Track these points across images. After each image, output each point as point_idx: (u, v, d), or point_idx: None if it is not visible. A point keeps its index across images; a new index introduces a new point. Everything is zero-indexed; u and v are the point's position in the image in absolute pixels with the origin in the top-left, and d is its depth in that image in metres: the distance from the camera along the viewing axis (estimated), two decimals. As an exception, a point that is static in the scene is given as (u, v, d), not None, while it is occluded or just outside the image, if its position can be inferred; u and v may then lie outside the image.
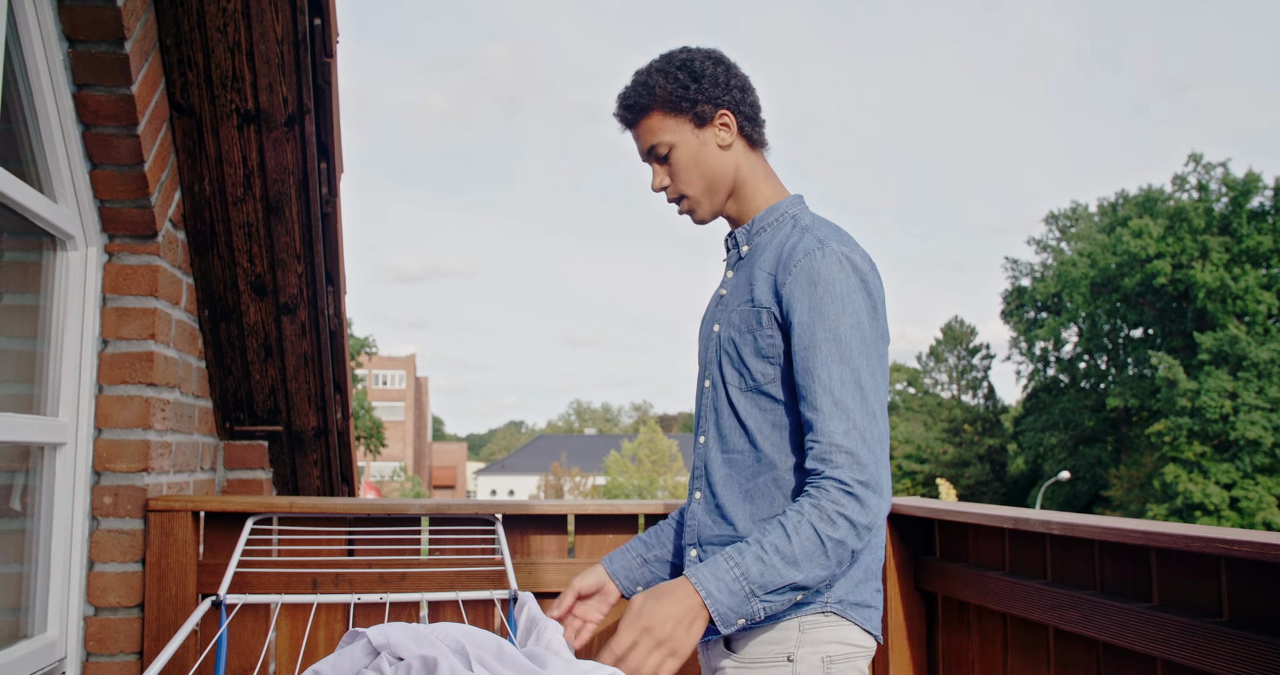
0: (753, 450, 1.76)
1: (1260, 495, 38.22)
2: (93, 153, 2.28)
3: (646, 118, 1.84)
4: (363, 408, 41.21)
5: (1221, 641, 1.51)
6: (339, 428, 3.34)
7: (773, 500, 1.74)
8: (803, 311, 1.68)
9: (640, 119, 1.85)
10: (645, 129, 1.85)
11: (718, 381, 1.83)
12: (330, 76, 2.62)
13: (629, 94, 1.86)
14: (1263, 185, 42.46)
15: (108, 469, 2.38)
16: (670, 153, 1.84)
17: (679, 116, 1.82)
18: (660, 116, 1.83)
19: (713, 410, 1.84)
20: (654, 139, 1.84)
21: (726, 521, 1.79)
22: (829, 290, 1.67)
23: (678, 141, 1.83)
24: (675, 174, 1.85)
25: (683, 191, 1.86)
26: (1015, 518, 2.06)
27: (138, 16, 2.20)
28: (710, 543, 1.81)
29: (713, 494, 1.82)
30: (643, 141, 1.87)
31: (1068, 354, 50.02)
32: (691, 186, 1.85)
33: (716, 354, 1.84)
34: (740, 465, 1.78)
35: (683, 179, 1.85)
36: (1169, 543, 1.61)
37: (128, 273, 2.43)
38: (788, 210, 1.87)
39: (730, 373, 1.80)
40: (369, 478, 49.87)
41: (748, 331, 1.76)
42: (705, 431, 1.86)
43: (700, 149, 1.83)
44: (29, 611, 2.24)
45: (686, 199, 1.87)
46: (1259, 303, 41.45)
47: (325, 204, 2.82)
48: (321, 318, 2.98)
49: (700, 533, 1.84)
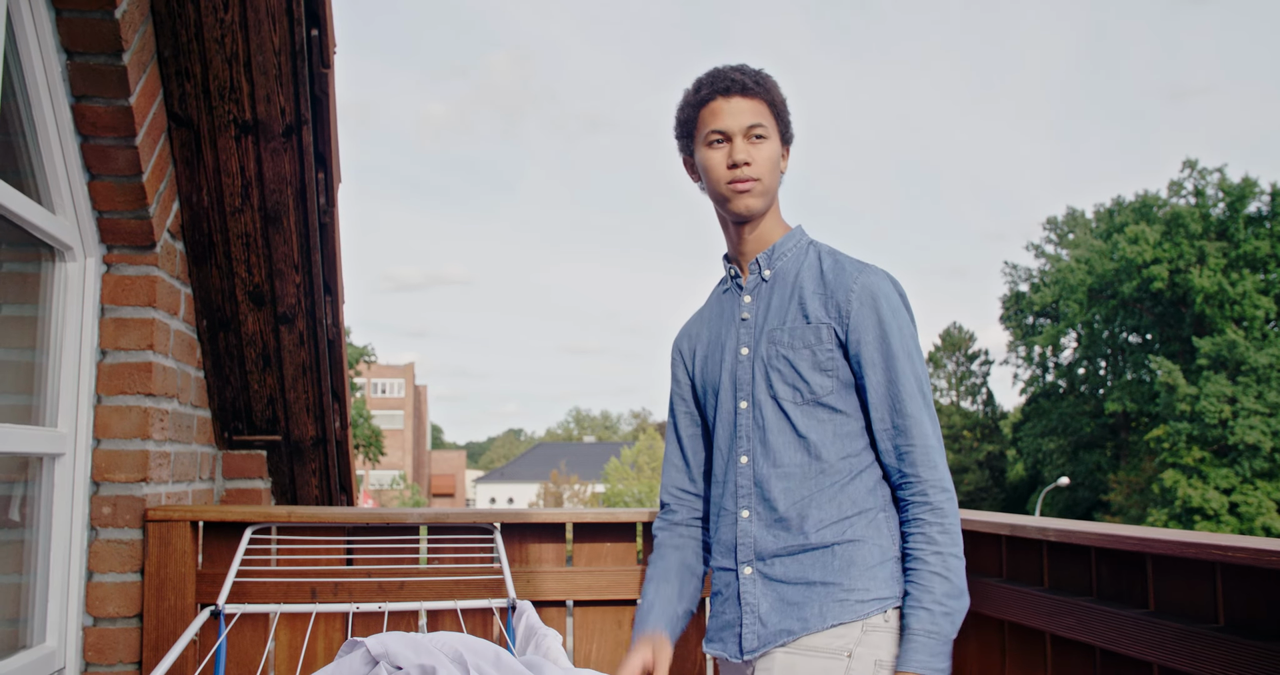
0: (813, 460, 1.85)
1: (1260, 500, 38.20)
2: (91, 164, 2.29)
3: (760, 99, 1.90)
4: (361, 416, 41.18)
5: (1217, 647, 1.51)
6: (337, 437, 3.34)
7: (840, 504, 1.83)
8: (872, 326, 1.83)
9: (756, 95, 1.90)
10: (754, 107, 1.90)
11: (763, 399, 1.89)
12: (328, 87, 2.63)
13: (757, 74, 1.92)
14: (1259, 190, 42.53)
15: (106, 479, 2.38)
16: (764, 141, 1.89)
17: (777, 122, 1.93)
18: (768, 108, 1.91)
19: (757, 428, 1.89)
20: (761, 120, 1.89)
21: (796, 532, 1.83)
22: (890, 304, 1.84)
23: (771, 137, 1.91)
24: (759, 160, 1.89)
25: (760, 175, 1.89)
26: (1012, 524, 2.07)
27: (135, 28, 2.21)
28: (778, 555, 1.84)
29: (772, 509, 1.86)
30: (747, 116, 1.89)
31: (1066, 360, 50.04)
32: (768, 177, 1.90)
33: (757, 374, 1.90)
34: (801, 477, 1.85)
35: (765, 168, 1.89)
36: (1165, 549, 1.61)
37: (126, 283, 2.43)
38: (803, 239, 1.99)
39: (783, 388, 1.87)
40: (368, 486, 49.84)
41: (804, 347, 1.86)
42: (748, 451, 1.90)
43: (778, 157, 1.93)
44: (28, 622, 2.24)
45: (759, 182, 1.90)
46: (1257, 307, 41.47)
47: (323, 214, 2.83)
48: (319, 327, 2.99)
49: (760, 548, 1.86)
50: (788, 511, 1.84)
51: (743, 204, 1.90)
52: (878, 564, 1.79)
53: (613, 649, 2.60)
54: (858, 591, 1.77)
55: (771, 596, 1.82)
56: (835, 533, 1.81)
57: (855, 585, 1.77)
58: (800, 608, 1.79)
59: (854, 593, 1.77)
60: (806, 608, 1.78)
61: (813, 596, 1.79)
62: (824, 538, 1.81)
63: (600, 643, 2.60)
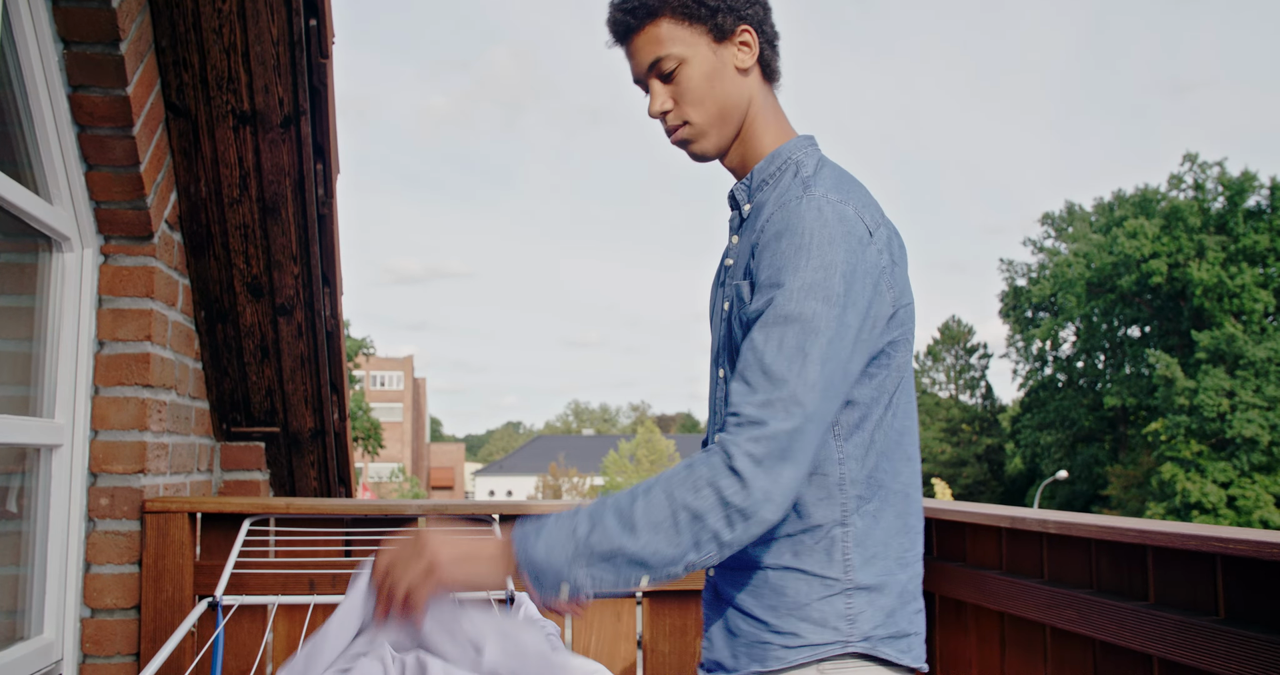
0: None
1: (1258, 493, 38.28)
2: (88, 154, 2.28)
3: (653, 23, 1.49)
4: (360, 409, 41.20)
5: (1217, 639, 1.51)
6: (336, 429, 3.34)
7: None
8: (760, 270, 1.39)
9: (644, 24, 1.49)
10: (649, 37, 1.49)
11: (727, 371, 1.52)
12: (326, 78, 2.62)
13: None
14: (1259, 184, 42.55)
15: (104, 470, 2.38)
16: (679, 69, 1.49)
17: (694, 25, 1.48)
18: (671, 23, 1.48)
19: (724, 402, 1.51)
20: (660, 51, 1.48)
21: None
22: (794, 241, 1.35)
23: (690, 56, 1.48)
24: (682, 95, 1.50)
25: (688, 116, 1.51)
26: (1012, 517, 2.06)
27: (133, 18, 2.20)
28: (730, 567, 1.55)
29: None
30: (644, 54, 1.50)
31: (1065, 353, 50.09)
32: (700, 111, 1.51)
33: (724, 338, 1.53)
34: None
35: (691, 101, 1.50)
36: (1165, 541, 1.61)
37: (124, 274, 2.43)
38: (790, 156, 1.53)
39: (733, 357, 1.49)
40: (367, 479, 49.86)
41: (738, 309, 1.46)
42: (712, 435, 1.58)
43: (716, 68, 1.49)
44: (26, 613, 2.24)
45: (689, 126, 1.52)
46: (1256, 301, 41.50)
47: (321, 205, 2.82)
48: (318, 319, 2.98)
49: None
50: None
51: (689, 153, 1.57)
52: (818, 600, 1.42)
53: (611, 641, 2.60)
54: (784, 636, 1.42)
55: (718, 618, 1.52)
56: (774, 554, 1.45)
57: (783, 627, 1.42)
58: (735, 640, 1.48)
59: (780, 637, 1.42)
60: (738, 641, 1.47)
61: (746, 630, 1.46)
62: (758, 557, 1.46)
63: (599, 634, 2.60)
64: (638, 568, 1.28)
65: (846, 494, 1.42)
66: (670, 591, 2.60)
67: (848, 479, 1.42)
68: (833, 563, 1.41)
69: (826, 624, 1.40)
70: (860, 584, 1.42)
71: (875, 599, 1.42)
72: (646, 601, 2.62)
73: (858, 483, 1.43)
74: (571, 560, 1.28)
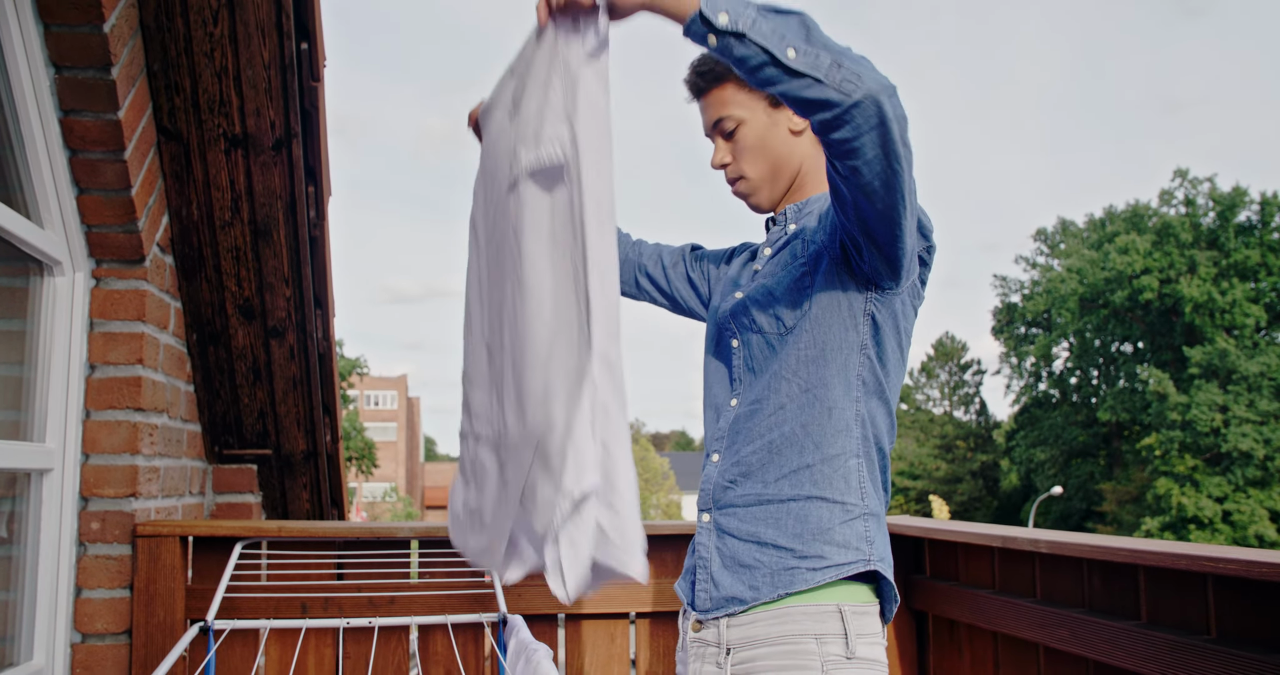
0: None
1: (1253, 508, 38.25)
2: (79, 178, 2.28)
3: (719, 88, 1.71)
4: (354, 428, 41.06)
5: (1210, 659, 1.51)
6: (328, 450, 3.33)
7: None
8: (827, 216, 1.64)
9: (712, 88, 1.72)
10: (715, 100, 1.72)
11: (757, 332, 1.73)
12: (318, 101, 2.63)
13: (705, 59, 1.73)
14: (1250, 199, 42.72)
15: (95, 494, 2.37)
16: (737, 129, 1.71)
17: (754, 91, 1.69)
18: (734, 89, 1.70)
19: (734, 376, 1.77)
20: (723, 112, 1.71)
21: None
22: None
23: (748, 118, 1.70)
24: (739, 153, 1.72)
25: (744, 171, 1.73)
26: (1004, 536, 2.07)
27: (124, 42, 2.21)
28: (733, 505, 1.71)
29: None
30: (710, 113, 1.74)
31: (1058, 369, 50.14)
32: (754, 168, 1.73)
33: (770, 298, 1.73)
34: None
35: (747, 159, 1.72)
36: (1156, 561, 1.61)
37: (115, 297, 2.43)
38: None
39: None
40: (361, 499, 49.66)
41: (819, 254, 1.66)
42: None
43: (770, 130, 1.71)
44: (15, 639, 2.22)
45: (745, 181, 1.74)
46: (1247, 316, 41.60)
47: (313, 227, 2.82)
48: (310, 341, 2.98)
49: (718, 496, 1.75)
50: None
51: (749, 205, 1.79)
52: (840, 524, 1.56)
53: (605, 663, 2.59)
54: (810, 559, 1.54)
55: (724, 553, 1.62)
56: (795, 485, 1.58)
57: (808, 551, 1.55)
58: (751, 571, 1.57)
59: (806, 560, 1.54)
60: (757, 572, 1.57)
61: (764, 560, 1.57)
62: (779, 490, 1.59)
63: (592, 657, 2.59)
64: (802, 30, 1.32)
65: (858, 431, 1.59)
66: (665, 613, 2.59)
67: (860, 418, 1.60)
68: (850, 489, 1.58)
69: (849, 545, 1.55)
70: (872, 510, 1.59)
71: (880, 526, 1.60)
72: (640, 622, 2.61)
73: (865, 422, 1.60)
74: (748, 3, 1.33)
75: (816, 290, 1.61)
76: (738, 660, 1.54)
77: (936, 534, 2.37)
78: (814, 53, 1.31)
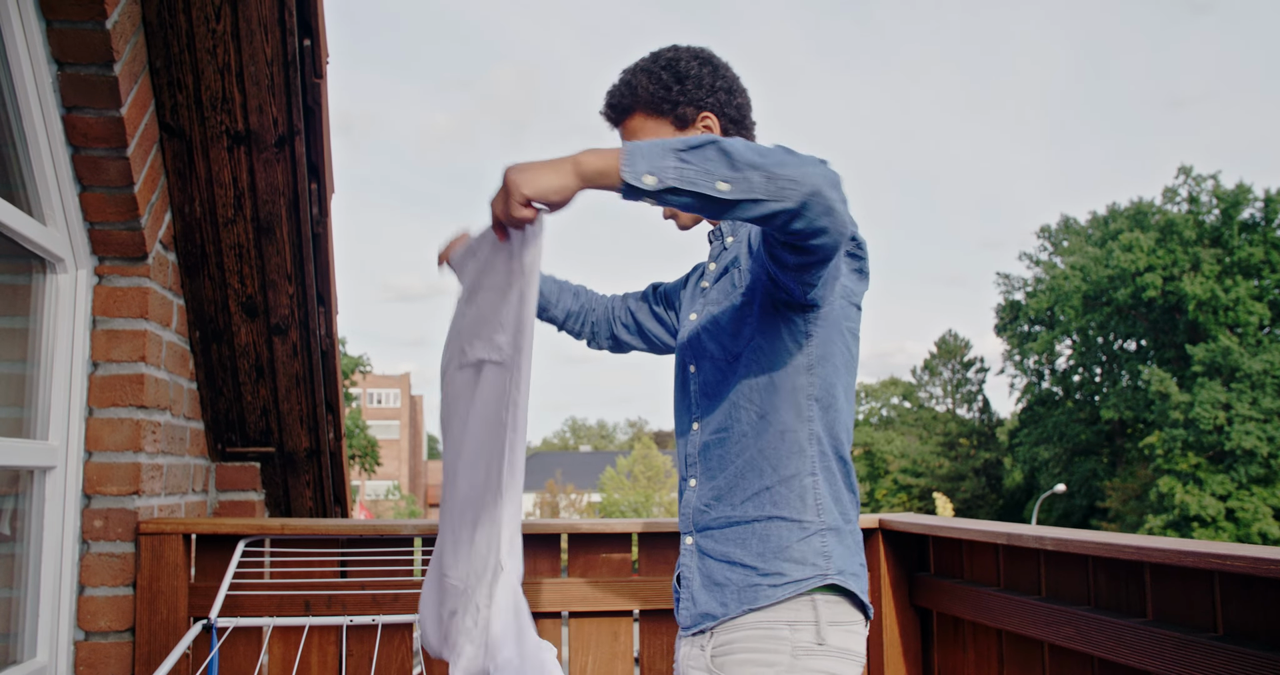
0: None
1: (1256, 506, 38.21)
2: (82, 175, 2.28)
3: (629, 118, 1.82)
4: (357, 426, 41.10)
5: (1216, 656, 1.50)
6: (331, 448, 3.33)
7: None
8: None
9: (623, 119, 1.83)
10: (628, 129, 1.83)
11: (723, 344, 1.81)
12: (320, 97, 2.63)
13: (614, 93, 1.84)
14: (1253, 197, 42.63)
15: (98, 492, 2.37)
16: None
17: (660, 118, 1.80)
18: (642, 117, 1.81)
19: (700, 392, 1.84)
20: (635, 139, 1.76)
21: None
22: None
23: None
24: None
25: None
26: (1009, 534, 2.06)
27: (127, 39, 2.21)
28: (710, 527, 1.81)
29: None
30: (625, 140, 1.84)
31: (1061, 367, 50.09)
32: None
33: (732, 312, 1.80)
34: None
35: None
36: (1162, 558, 1.60)
37: (118, 295, 2.42)
38: None
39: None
40: (364, 497, 49.71)
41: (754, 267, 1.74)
42: None
43: None
44: (18, 637, 2.22)
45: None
46: (1251, 314, 41.52)
47: (316, 224, 2.82)
48: (313, 338, 2.98)
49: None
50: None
51: (675, 224, 1.86)
52: (798, 542, 1.62)
53: (608, 661, 2.59)
54: (771, 576, 1.61)
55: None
56: (757, 507, 1.66)
57: (769, 568, 1.62)
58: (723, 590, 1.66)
59: (768, 577, 1.62)
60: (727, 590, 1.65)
61: (733, 578, 1.65)
62: (744, 513, 1.67)
63: (596, 654, 2.59)
64: (723, 160, 1.36)
65: (812, 450, 1.66)
66: (668, 611, 2.58)
67: (814, 437, 1.66)
68: (806, 507, 1.64)
69: (806, 561, 1.61)
70: (830, 525, 1.64)
71: (842, 539, 1.65)
72: (643, 621, 2.61)
73: (819, 440, 1.67)
74: (665, 153, 1.37)
75: (755, 319, 1.69)
76: (718, 642, 1.63)
77: (941, 531, 2.37)
78: (743, 177, 1.35)
